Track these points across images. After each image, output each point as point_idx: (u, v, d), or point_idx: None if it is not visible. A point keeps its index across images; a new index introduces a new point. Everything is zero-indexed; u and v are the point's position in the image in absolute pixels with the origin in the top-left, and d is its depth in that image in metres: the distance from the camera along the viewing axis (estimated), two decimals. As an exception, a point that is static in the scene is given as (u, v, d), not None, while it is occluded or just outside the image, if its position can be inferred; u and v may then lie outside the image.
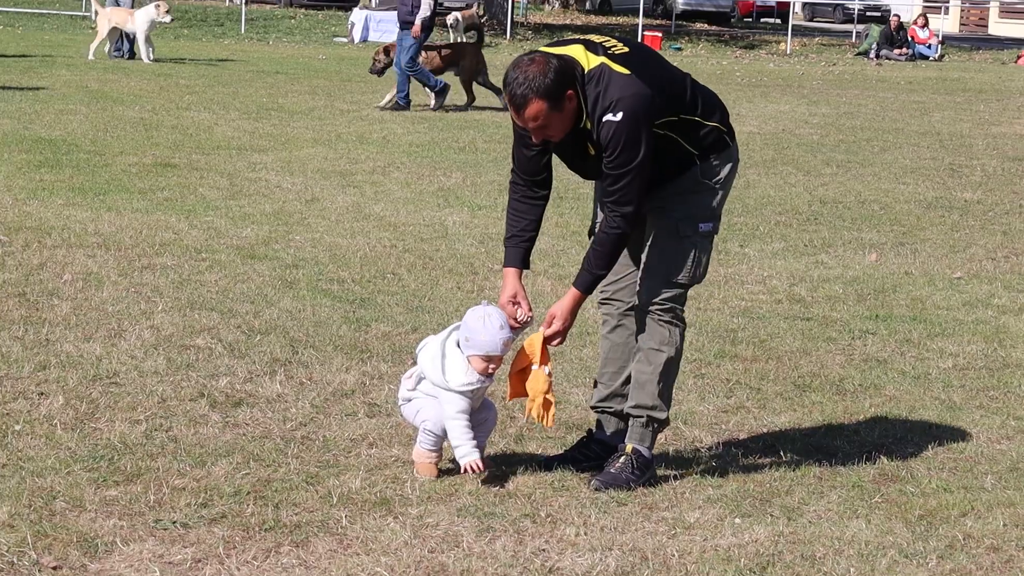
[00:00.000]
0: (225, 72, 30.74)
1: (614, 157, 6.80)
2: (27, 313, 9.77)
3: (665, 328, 7.09)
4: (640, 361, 7.12)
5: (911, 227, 15.13)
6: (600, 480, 6.97)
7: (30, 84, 24.69)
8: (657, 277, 7.05)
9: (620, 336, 7.26)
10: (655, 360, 7.08)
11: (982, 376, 9.43)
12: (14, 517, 6.30)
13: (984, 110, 30.26)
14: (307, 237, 12.90)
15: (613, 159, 6.80)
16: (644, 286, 7.08)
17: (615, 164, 6.81)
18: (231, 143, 19.22)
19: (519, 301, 7.08)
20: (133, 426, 7.61)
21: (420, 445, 7.04)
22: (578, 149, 6.94)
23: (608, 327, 7.30)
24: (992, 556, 6.41)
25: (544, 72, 6.67)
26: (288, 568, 5.95)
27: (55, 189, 14.76)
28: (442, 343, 7.06)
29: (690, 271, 7.09)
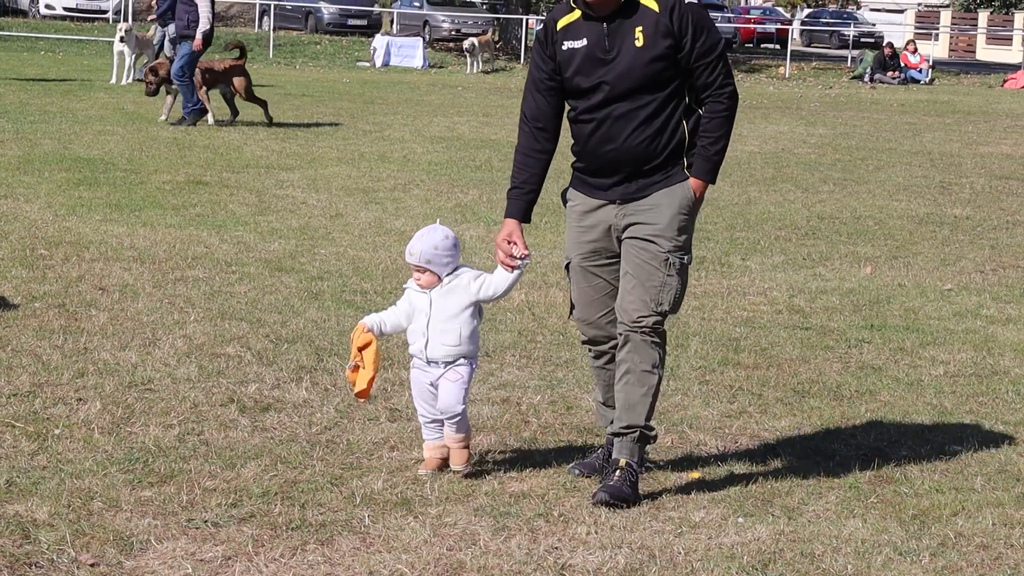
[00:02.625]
0: (254, 95, 30.74)
1: (706, 36, 6.66)
2: (66, 323, 9.78)
3: (656, 351, 6.91)
4: (631, 383, 6.89)
5: (904, 241, 15.12)
6: (604, 493, 6.78)
7: (70, 107, 24.72)
8: (648, 303, 6.82)
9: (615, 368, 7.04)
10: (647, 381, 6.90)
11: (972, 383, 9.41)
12: (54, 516, 6.29)
13: (972, 131, 30.26)
14: (331, 251, 12.90)
15: (706, 40, 6.66)
16: (632, 306, 6.84)
17: (709, 46, 6.68)
18: (259, 162, 19.24)
19: (515, 241, 6.89)
20: (167, 430, 7.60)
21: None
22: (621, 41, 6.65)
23: (602, 361, 7.13)
24: (982, 554, 6.40)
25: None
26: (314, 565, 5.94)
27: (93, 205, 14.77)
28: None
29: (676, 300, 6.90)
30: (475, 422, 8.00)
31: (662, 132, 6.75)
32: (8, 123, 22.03)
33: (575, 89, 6.79)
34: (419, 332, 6.94)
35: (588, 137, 6.83)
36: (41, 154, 18.72)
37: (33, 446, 7.24)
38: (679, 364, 9.47)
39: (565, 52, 6.76)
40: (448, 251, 6.92)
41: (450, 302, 6.92)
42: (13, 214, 13.99)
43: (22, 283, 10.93)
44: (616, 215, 6.83)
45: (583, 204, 6.95)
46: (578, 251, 6.99)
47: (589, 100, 6.77)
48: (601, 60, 6.69)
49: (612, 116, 6.74)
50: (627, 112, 6.72)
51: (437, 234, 6.91)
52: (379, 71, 42.50)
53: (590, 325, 7.05)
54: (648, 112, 6.71)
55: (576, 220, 6.98)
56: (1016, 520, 6.82)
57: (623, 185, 6.82)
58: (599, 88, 6.72)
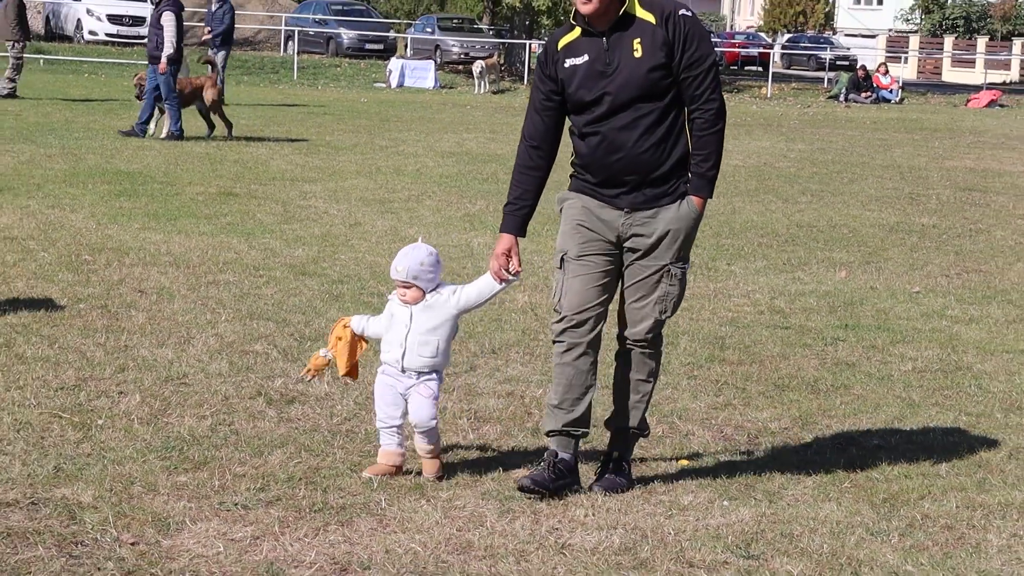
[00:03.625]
0: (280, 113, 30.79)
1: (697, 46, 6.48)
2: (108, 323, 9.79)
3: (652, 361, 6.82)
4: (626, 390, 6.83)
5: (876, 248, 15.12)
6: (602, 486, 6.75)
7: (112, 124, 24.74)
8: (652, 316, 6.70)
9: (584, 364, 6.68)
10: (643, 389, 6.83)
11: (937, 377, 9.42)
12: (97, 500, 6.31)
13: (938, 146, 30.25)
14: (351, 256, 12.91)
15: (696, 49, 6.48)
16: (639, 325, 6.72)
17: (701, 55, 6.50)
18: (285, 175, 19.25)
19: (512, 255, 6.71)
20: (200, 421, 7.61)
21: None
22: (620, 54, 6.48)
23: (573, 355, 6.66)
24: (946, 534, 6.40)
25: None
26: (335, 544, 5.95)
27: (133, 215, 14.78)
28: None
29: (675, 307, 6.75)
30: (483, 414, 8.02)
31: (666, 140, 6.59)
32: (55, 139, 22.05)
33: (579, 103, 6.61)
34: (397, 343, 6.75)
35: (595, 149, 6.62)
36: (85, 168, 18.73)
37: (78, 435, 7.25)
38: (670, 360, 9.47)
39: (567, 69, 6.61)
40: (432, 267, 6.76)
41: (431, 317, 6.74)
42: (60, 223, 14.00)
43: (68, 286, 10.94)
44: (623, 222, 6.63)
45: (588, 202, 6.69)
46: (576, 240, 6.70)
47: (593, 112, 6.58)
48: (602, 73, 6.53)
49: (616, 127, 6.56)
50: (630, 122, 6.54)
51: (421, 251, 6.76)
52: (394, 91, 42.51)
53: (577, 313, 6.65)
54: (650, 121, 6.55)
55: (578, 215, 6.70)
56: (978, 503, 6.83)
57: (631, 195, 6.61)
58: (602, 100, 6.55)
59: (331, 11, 57.73)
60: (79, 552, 5.73)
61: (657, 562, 5.88)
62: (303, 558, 5.78)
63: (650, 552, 5.99)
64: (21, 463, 6.75)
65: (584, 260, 6.68)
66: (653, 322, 6.71)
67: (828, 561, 5.99)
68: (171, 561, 5.68)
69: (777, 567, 5.89)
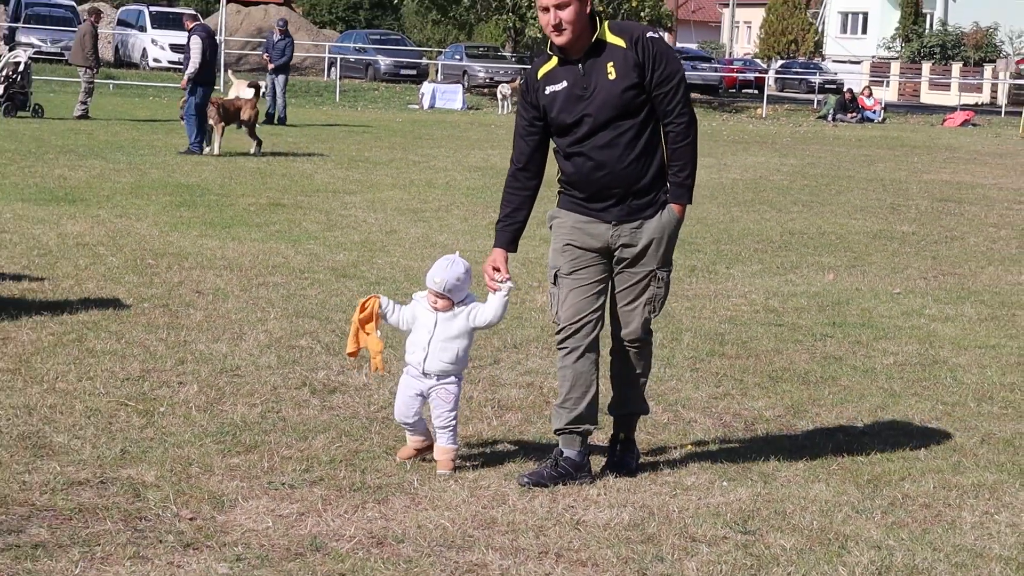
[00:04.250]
0: (323, 132, 30.83)
1: (665, 65, 6.34)
2: (169, 320, 9.80)
3: (645, 353, 6.72)
4: (624, 383, 6.76)
5: (860, 253, 15.09)
6: (620, 471, 6.71)
7: (173, 143, 24.79)
8: (642, 317, 6.60)
9: (584, 365, 6.57)
10: (640, 379, 6.76)
11: (916, 370, 9.39)
12: (159, 479, 6.31)
13: (917, 161, 30.19)
14: (387, 260, 12.92)
15: (665, 68, 6.34)
16: (631, 326, 6.61)
17: (669, 72, 6.35)
18: (328, 187, 19.26)
19: (499, 267, 6.59)
20: (251, 408, 7.62)
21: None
22: (595, 78, 6.35)
23: (573, 357, 6.56)
24: (925, 512, 6.38)
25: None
26: (372, 520, 5.95)
27: (191, 223, 14.81)
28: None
29: (661, 306, 6.67)
30: (505, 403, 8.01)
31: (645, 153, 6.45)
32: (123, 156, 22.11)
33: (561, 126, 6.47)
34: (420, 346, 6.61)
35: (580, 168, 6.48)
36: (149, 181, 18.77)
37: (142, 421, 7.26)
38: (674, 355, 9.46)
39: (548, 96, 6.48)
40: (466, 281, 6.64)
41: (453, 325, 6.60)
42: (126, 230, 14.03)
43: (133, 287, 10.96)
44: (611, 235, 6.51)
45: (577, 219, 6.57)
46: (567, 258, 6.59)
47: (575, 134, 6.45)
48: (580, 97, 6.41)
49: (598, 145, 6.41)
50: (611, 139, 6.40)
51: (459, 267, 6.60)
52: (426, 112, 42.53)
53: (571, 325, 6.54)
54: (629, 137, 6.41)
55: (566, 233, 6.60)
56: (953, 484, 6.80)
57: (617, 207, 6.49)
58: (582, 121, 6.42)
59: (370, 40, 57.95)
60: (143, 526, 5.74)
61: (663, 537, 5.87)
62: (343, 532, 5.77)
63: (656, 528, 5.98)
64: (91, 446, 6.76)
65: (576, 275, 6.57)
66: (643, 321, 6.64)
67: (818, 536, 5.97)
68: (225, 535, 5.68)
69: (771, 542, 5.87)
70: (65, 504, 5.93)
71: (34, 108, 29.35)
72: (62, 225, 14.13)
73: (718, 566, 5.56)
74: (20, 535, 5.55)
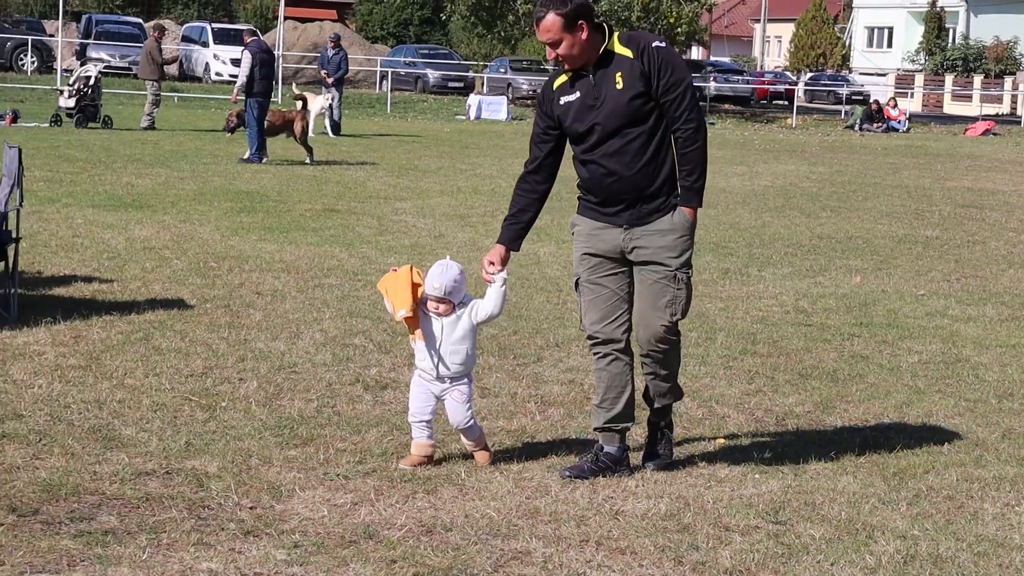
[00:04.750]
0: (375, 142, 30.89)
1: (672, 73, 6.25)
2: (231, 320, 9.84)
3: (672, 358, 6.60)
4: (657, 380, 6.65)
5: (886, 256, 15.02)
6: (655, 466, 6.65)
7: (234, 151, 24.88)
8: (664, 319, 6.42)
9: (617, 367, 6.53)
10: (670, 380, 6.66)
11: (940, 368, 9.34)
12: (221, 470, 6.34)
13: (940, 169, 30.02)
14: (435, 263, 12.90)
15: (671, 76, 6.24)
16: (649, 329, 6.46)
17: (675, 80, 6.25)
18: (379, 194, 19.30)
19: (494, 260, 6.51)
20: (307, 403, 7.64)
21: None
22: (605, 88, 6.30)
23: (606, 361, 6.52)
24: (948, 503, 6.35)
25: (565, 1, 6.23)
26: (422, 510, 5.95)
27: (251, 228, 14.87)
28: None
29: (684, 310, 6.48)
30: (548, 399, 8.01)
31: (654, 159, 6.33)
32: (187, 164, 22.21)
33: (575, 134, 6.44)
34: (431, 353, 6.51)
35: (593, 175, 6.45)
36: (211, 188, 18.86)
37: (205, 415, 7.29)
38: (708, 353, 9.44)
39: (562, 106, 6.45)
40: (462, 282, 6.54)
41: (458, 328, 6.51)
42: (190, 235, 14.09)
43: (197, 288, 11.01)
44: (624, 238, 6.44)
45: (591, 226, 6.53)
46: (586, 267, 6.56)
47: (587, 141, 6.41)
48: (591, 106, 6.35)
49: (609, 152, 6.33)
50: (621, 147, 6.31)
51: (454, 269, 6.51)
52: (472, 123, 42.55)
53: (599, 331, 6.50)
54: (638, 144, 6.30)
55: (584, 240, 6.57)
56: (975, 477, 6.77)
57: (628, 212, 6.42)
58: (593, 129, 6.37)
59: (419, 55, 58.07)
60: (206, 514, 5.76)
61: (698, 527, 5.86)
62: (395, 521, 5.78)
63: (692, 518, 5.96)
64: (158, 439, 6.80)
65: (596, 282, 6.52)
66: (666, 324, 6.46)
67: (846, 526, 5.95)
68: (283, 523, 5.70)
69: (801, 531, 5.85)
70: (133, 493, 5.97)
71: (104, 120, 29.52)
72: (130, 230, 14.21)
73: (750, 554, 5.54)
74: (91, 522, 5.59)
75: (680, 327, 6.64)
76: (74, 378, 7.95)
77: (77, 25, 55.76)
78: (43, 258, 12.14)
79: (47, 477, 6.12)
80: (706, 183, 6.53)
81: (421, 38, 74.02)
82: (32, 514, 5.65)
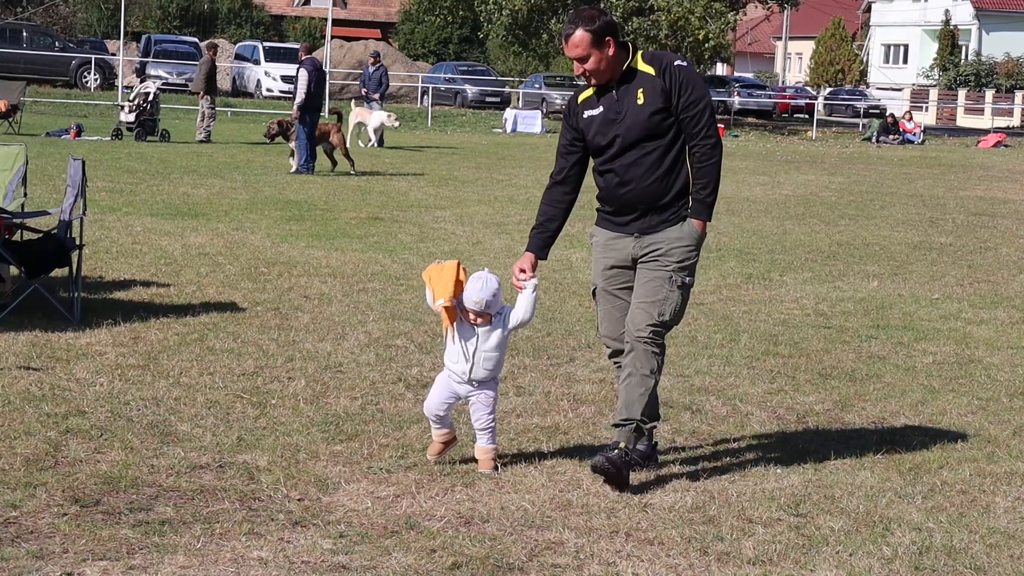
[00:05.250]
0: (417, 154, 30.93)
1: (692, 91, 6.18)
2: (280, 322, 9.86)
3: (655, 358, 6.25)
4: (631, 384, 6.23)
5: (902, 262, 14.94)
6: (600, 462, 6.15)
7: (283, 163, 24.94)
8: (650, 313, 6.22)
9: None
10: (646, 384, 6.23)
11: (953, 368, 9.29)
12: (271, 464, 6.35)
13: (954, 179, 29.86)
14: (473, 269, 12.82)
15: (691, 94, 6.18)
16: (638, 317, 6.24)
17: (695, 98, 6.19)
18: (420, 203, 19.32)
19: (524, 268, 6.42)
20: (352, 401, 7.65)
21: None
22: (627, 103, 6.24)
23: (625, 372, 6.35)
24: (961, 497, 6.31)
25: (594, 17, 6.21)
26: (460, 502, 5.95)
27: (299, 235, 14.90)
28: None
29: (674, 313, 6.26)
30: (580, 397, 7.99)
31: (668, 174, 6.26)
32: (239, 175, 22.29)
33: (597, 147, 6.40)
34: (464, 356, 6.35)
35: (609, 184, 6.40)
36: (262, 198, 18.92)
37: (256, 412, 7.31)
38: (732, 354, 9.41)
39: (586, 120, 6.41)
40: (499, 294, 6.43)
41: (493, 336, 6.39)
42: (242, 242, 14.14)
43: (248, 292, 11.04)
44: (635, 246, 6.37)
45: (607, 236, 6.50)
46: (603, 277, 6.46)
47: (607, 153, 6.31)
48: (613, 120, 6.32)
49: (626, 163, 6.27)
50: (637, 159, 6.25)
51: (493, 283, 6.34)
52: (509, 136, 42.55)
53: (614, 340, 6.42)
54: (654, 158, 6.24)
55: (600, 251, 6.55)
56: (987, 472, 6.72)
57: (640, 221, 6.35)
58: (614, 142, 6.31)
59: (458, 71, 58.15)
60: (256, 506, 5.77)
61: (723, 519, 5.83)
62: (435, 512, 5.78)
63: (717, 510, 5.94)
64: (211, 434, 6.82)
65: (611, 292, 6.46)
66: (652, 320, 6.22)
67: (864, 519, 5.91)
68: (329, 514, 5.71)
69: (821, 523, 5.82)
70: (188, 485, 5.98)
71: (161, 133, 29.66)
72: (185, 237, 14.26)
73: (773, 545, 5.52)
74: (149, 512, 5.61)
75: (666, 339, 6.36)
76: (133, 377, 7.98)
77: (137, 44, 56.07)
78: (104, 264, 12.20)
79: (108, 470, 6.15)
80: (718, 198, 6.48)
81: (460, 56, 74.11)
82: (94, 505, 5.68)
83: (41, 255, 9.78)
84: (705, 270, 13.47)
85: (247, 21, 77.27)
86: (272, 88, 51.88)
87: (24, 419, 6.93)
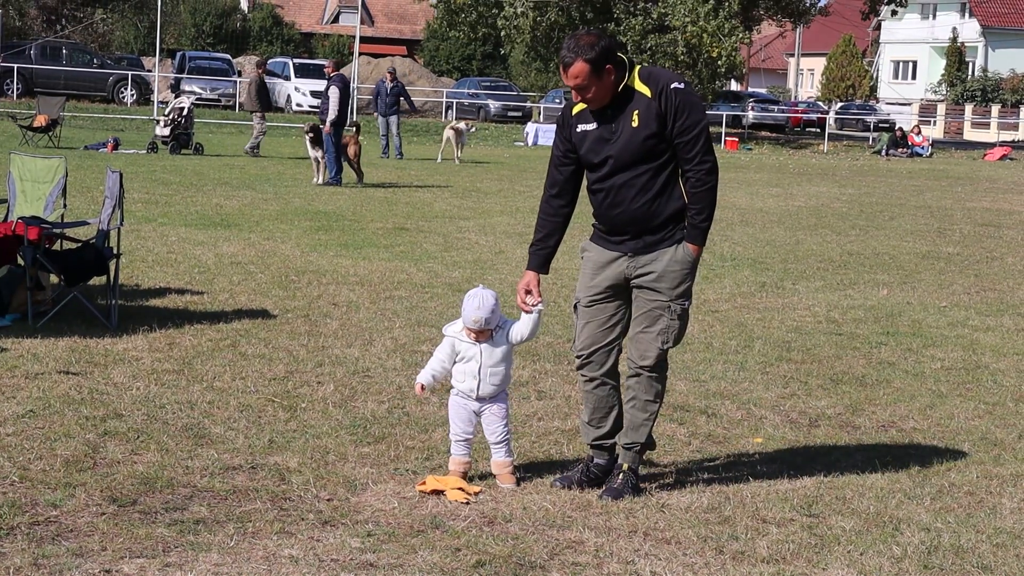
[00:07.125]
0: (441, 167, 30.95)
1: (688, 116, 5.89)
2: (310, 328, 9.88)
3: (658, 385, 6.16)
4: (636, 409, 6.16)
5: (911, 271, 14.90)
6: (608, 495, 6.09)
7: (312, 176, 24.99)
8: (655, 346, 6.08)
9: (603, 391, 6.22)
10: (650, 409, 6.16)
11: (961, 374, 9.26)
12: (302, 465, 6.36)
13: (961, 191, 29.77)
14: (496, 277, 12.92)
15: (688, 119, 5.89)
16: (640, 352, 6.10)
17: (691, 123, 5.90)
18: (445, 213, 19.34)
19: (531, 289, 6.20)
20: (379, 405, 7.66)
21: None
22: (621, 124, 5.99)
23: (592, 384, 6.22)
24: (968, 498, 6.29)
25: (592, 44, 5.87)
26: (484, 502, 5.95)
27: (328, 245, 14.93)
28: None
29: (676, 339, 6.12)
30: (599, 400, 7.98)
31: (660, 196, 5.99)
32: (270, 187, 22.34)
33: (588, 164, 6.10)
34: (471, 375, 6.19)
35: (600, 204, 6.12)
36: (292, 209, 18.95)
37: (286, 415, 7.32)
38: (746, 360, 9.40)
39: (579, 134, 6.16)
40: (498, 308, 6.24)
41: (496, 351, 6.24)
42: (273, 251, 14.17)
43: (279, 300, 11.07)
44: (627, 266, 6.14)
45: (600, 254, 6.24)
46: (587, 293, 6.20)
47: (599, 172, 6.06)
48: (606, 140, 6.06)
49: (617, 185, 6.01)
50: (628, 180, 5.99)
51: (490, 299, 6.15)
52: (530, 148, 42.56)
53: (588, 356, 6.21)
54: (645, 180, 5.97)
55: (591, 267, 6.21)
56: (994, 474, 6.70)
57: (632, 241, 6.12)
58: (606, 162, 6.02)
59: (482, 87, 58.13)
60: (287, 505, 5.78)
61: (737, 519, 5.83)
62: (459, 512, 5.78)
63: (732, 511, 5.93)
64: (243, 436, 6.83)
65: (593, 307, 6.21)
66: (656, 351, 6.09)
67: (874, 519, 5.90)
68: (358, 514, 5.72)
69: (833, 523, 5.81)
70: (221, 486, 6.00)
71: (195, 147, 29.76)
72: (218, 246, 14.30)
73: (786, 544, 5.51)
74: (184, 512, 5.63)
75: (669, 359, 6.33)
76: (168, 381, 8.01)
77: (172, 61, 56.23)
78: (140, 272, 12.25)
79: (144, 471, 6.17)
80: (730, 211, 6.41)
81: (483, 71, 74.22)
82: (130, 504, 5.70)
83: (80, 264, 9.83)
84: (720, 278, 13.46)
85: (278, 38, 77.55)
86: (302, 103, 51.97)
87: (64, 422, 6.96)
